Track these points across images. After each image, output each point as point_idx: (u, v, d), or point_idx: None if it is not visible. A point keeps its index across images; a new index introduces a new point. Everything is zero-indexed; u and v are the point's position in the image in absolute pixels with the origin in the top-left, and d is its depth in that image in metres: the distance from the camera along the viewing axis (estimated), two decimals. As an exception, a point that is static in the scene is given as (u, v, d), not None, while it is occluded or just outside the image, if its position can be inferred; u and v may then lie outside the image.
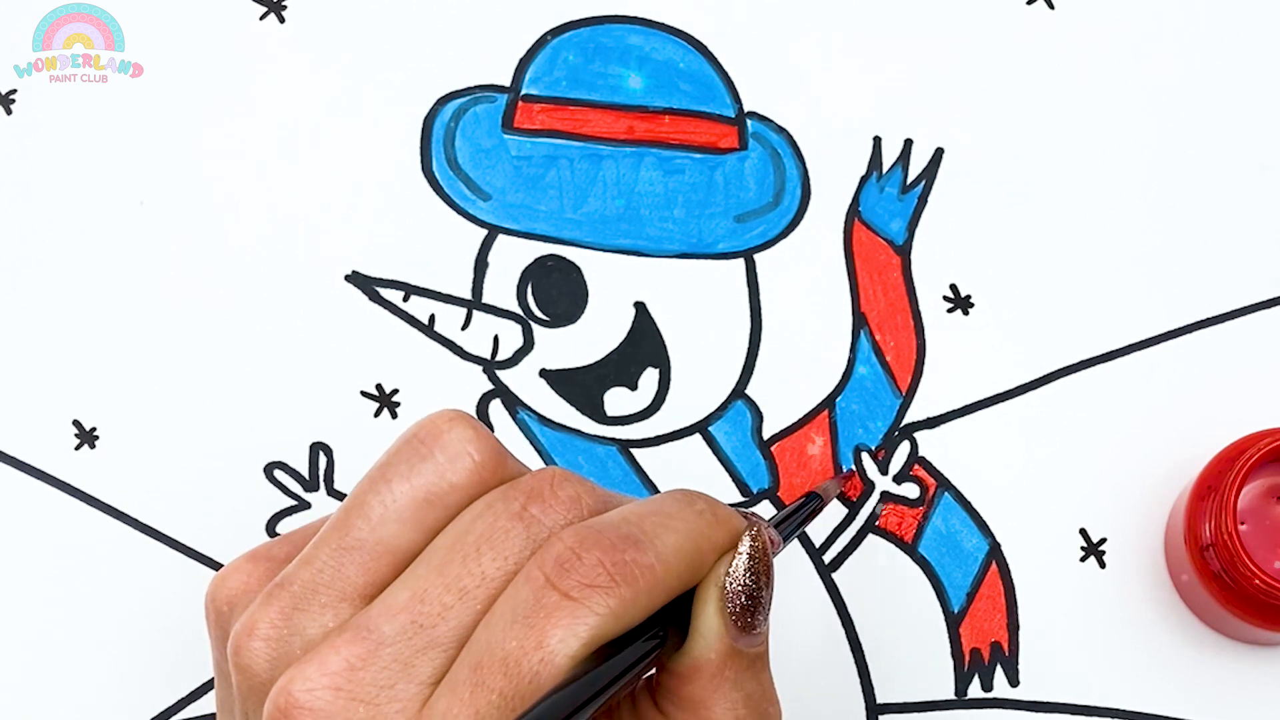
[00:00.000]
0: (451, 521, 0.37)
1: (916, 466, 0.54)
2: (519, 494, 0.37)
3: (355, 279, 0.56)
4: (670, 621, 0.37)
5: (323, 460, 0.55)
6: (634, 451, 0.55)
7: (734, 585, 0.37)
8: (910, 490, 0.54)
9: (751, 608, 0.38)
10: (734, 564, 0.38)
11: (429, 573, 0.36)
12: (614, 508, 0.37)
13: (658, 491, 0.55)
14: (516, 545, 0.36)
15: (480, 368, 0.55)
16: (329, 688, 0.34)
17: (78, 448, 0.55)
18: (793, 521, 0.48)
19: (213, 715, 0.54)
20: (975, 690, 0.53)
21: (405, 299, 0.55)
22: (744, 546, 0.38)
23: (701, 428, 0.55)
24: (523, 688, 0.34)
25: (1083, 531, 0.54)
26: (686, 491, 0.38)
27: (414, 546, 0.37)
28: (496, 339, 0.55)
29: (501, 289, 0.55)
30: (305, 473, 0.55)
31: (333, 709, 0.34)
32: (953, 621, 0.54)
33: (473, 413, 0.55)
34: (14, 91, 0.57)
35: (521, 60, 0.56)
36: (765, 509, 0.54)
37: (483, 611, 0.35)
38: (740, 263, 0.56)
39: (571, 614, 0.34)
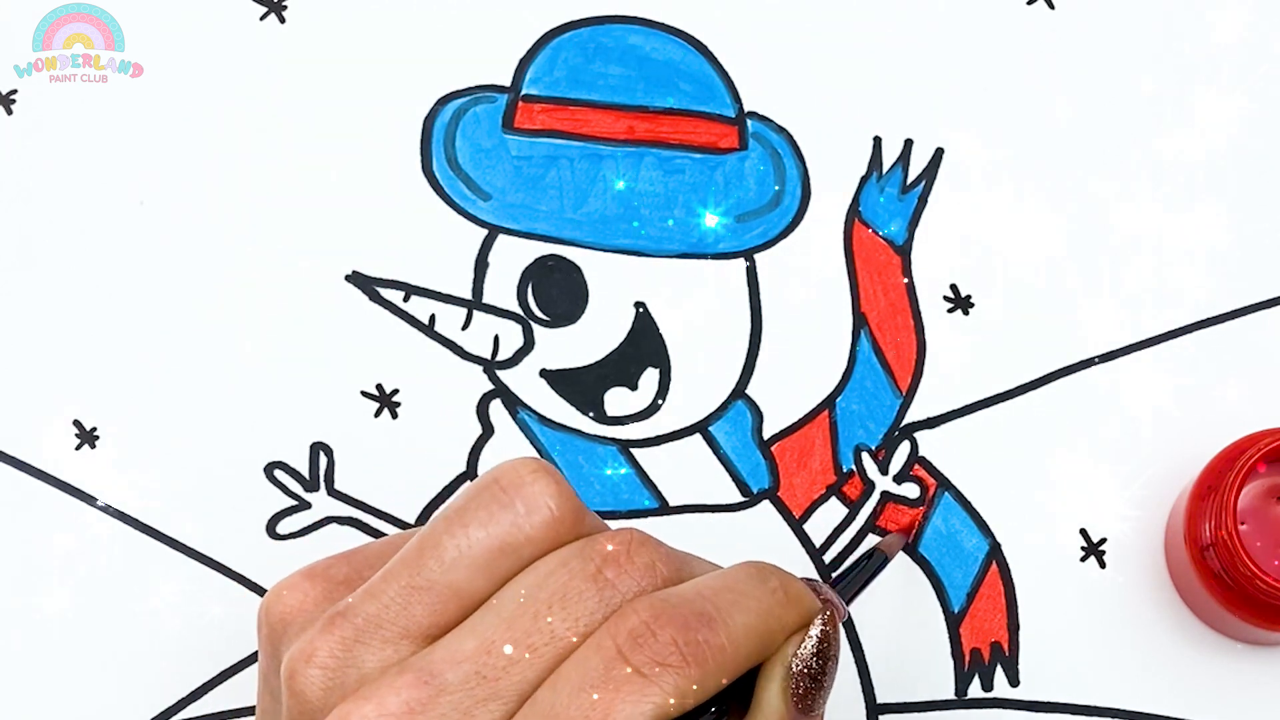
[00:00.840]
0: (521, 572, 0.37)
1: (916, 466, 0.54)
2: (595, 555, 0.37)
3: (355, 279, 0.56)
4: (732, 696, 0.37)
5: (323, 460, 0.55)
6: (634, 451, 0.55)
7: (800, 667, 0.37)
8: (910, 490, 0.54)
9: (815, 690, 0.38)
10: (804, 646, 0.38)
11: (498, 624, 0.36)
12: (688, 575, 0.37)
13: (658, 493, 0.55)
14: (589, 608, 0.36)
15: (480, 368, 0.55)
16: None
17: (78, 448, 0.55)
18: (856, 581, 0.48)
19: (213, 715, 0.54)
20: (975, 690, 0.53)
21: (405, 299, 0.55)
22: (815, 630, 0.38)
23: (701, 428, 0.55)
24: None
25: (1083, 531, 0.54)
26: (760, 567, 0.38)
27: (483, 594, 0.37)
28: (497, 339, 0.55)
29: (501, 289, 0.55)
30: (305, 473, 0.55)
31: None
32: (953, 621, 0.54)
33: (473, 413, 0.55)
34: (14, 91, 0.57)
35: (521, 60, 0.56)
36: (765, 509, 0.54)
37: (548, 670, 0.35)
38: (740, 263, 0.56)
39: (640, 690, 0.34)
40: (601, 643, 0.35)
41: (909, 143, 0.56)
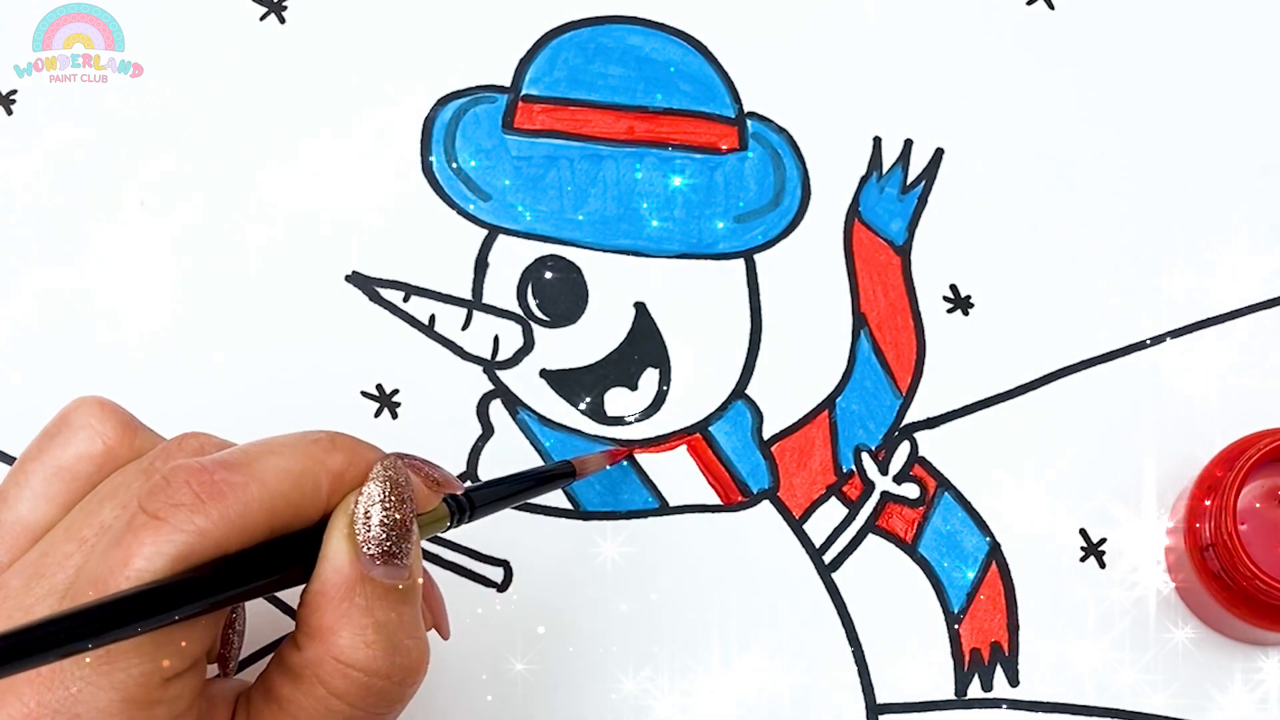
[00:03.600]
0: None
1: (916, 466, 0.54)
2: (149, 455, 0.39)
3: (355, 279, 0.56)
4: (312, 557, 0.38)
5: (323, 460, 0.55)
6: (634, 452, 0.55)
7: (363, 512, 0.38)
8: (910, 490, 0.54)
9: (386, 537, 0.38)
10: (365, 491, 0.39)
11: (59, 531, 0.38)
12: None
13: (658, 492, 0.55)
14: (133, 493, 0.38)
15: (480, 368, 0.55)
16: None
17: (78, 448, 0.55)
18: (520, 482, 0.48)
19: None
20: (975, 690, 0.53)
21: (405, 299, 0.55)
22: (375, 473, 0.39)
23: (701, 428, 0.55)
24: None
25: (1083, 531, 0.54)
26: (315, 429, 0.40)
27: (51, 520, 0.39)
28: (497, 339, 0.55)
29: (501, 289, 0.55)
30: (305, 473, 0.55)
31: None
32: (953, 621, 0.54)
33: (473, 413, 0.55)
34: (14, 92, 0.57)
35: (521, 60, 0.56)
36: (765, 509, 0.54)
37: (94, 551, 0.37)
38: (740, 263, 0.56)
39: (156, 532, 0.35)
40: (127, 506, 0.37)
41: (909, 143, 0.56)
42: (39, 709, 0.35)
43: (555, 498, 0.54)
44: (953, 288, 0.55)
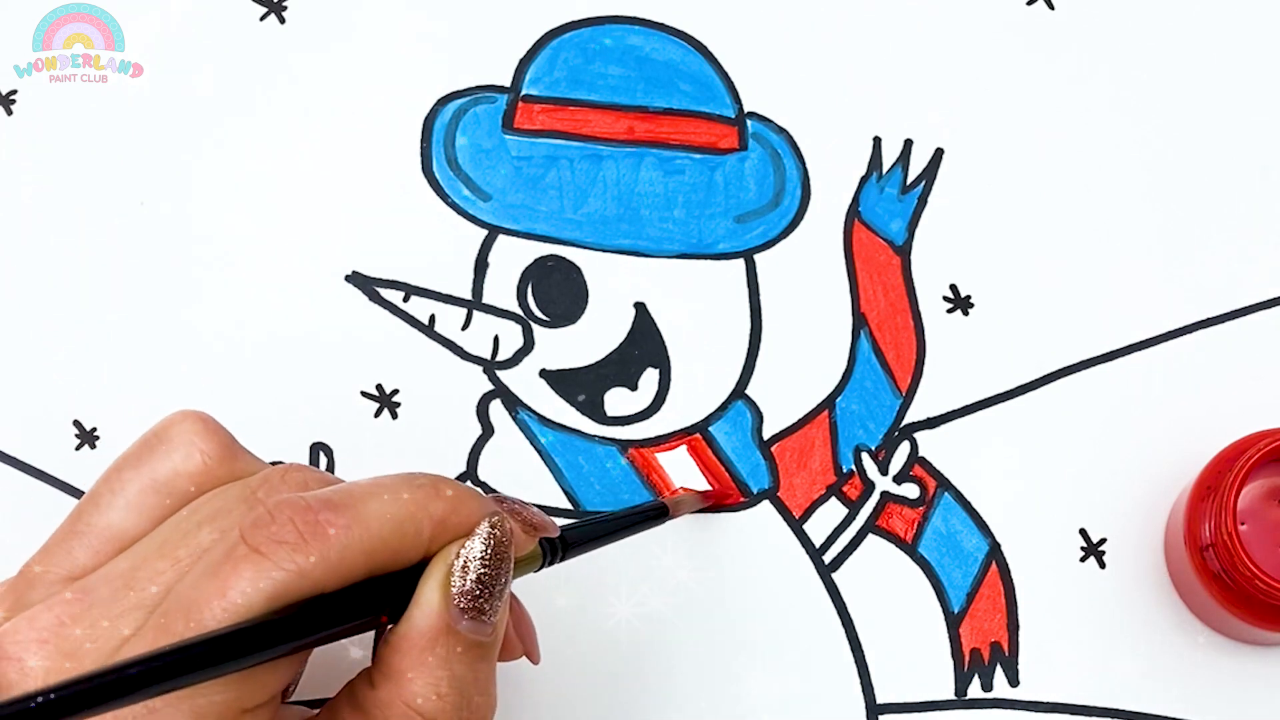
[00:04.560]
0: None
1: (916, 466, 0.54)
2: (254, 482, 0.39)
3: (355, 279, 0.56)
4: (402, 600, 0.38)
5: (323, 460, 0.55)
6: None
7: (461, 565, 0.38)
8: (910, 490, 0.54)
9: (480, 594, 0.38)
10: (468, 545, 0.38)
11: (152, 545, 0.38)
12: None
13: (658, 492, 0.55)
14: (234, 520, 0.37)
15: (480, 368, 0.55)
16: (36, 641, 0.36)
17: (78, 448, 0.55)
18: (615, 524, 0.48)
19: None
20: (975, 690, 0.53)
21: (405, 299, 0.55)
22: (482, 529, 0.39)
23: (701, 428, 0.55)
24: (200, 634, 0.35)
25: (1083, 531, 0.54)
26: (416, 472, 0.39)
27: (140, 531, 0.39)
28: (496, 339, 0.55)
29: (501, 289, 0.55)
30: (305, 473, 0.55)
31: (36, 660, 0.36)
32: (953, 621, 0.54)
33: (473, 413, 0.55)
34: (14, 92, 0.57)
35: (521, 60, 0.56)
36: (765, 509, 0.54)
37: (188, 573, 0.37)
38: (740, 263, 0.56)
39: (256, 566, 0.35)
40: (228, 534, 0.36)
41: (909, 143, 0.56)
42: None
43: (555, 496, 0.54)
44: (953, 288, 0.55)
